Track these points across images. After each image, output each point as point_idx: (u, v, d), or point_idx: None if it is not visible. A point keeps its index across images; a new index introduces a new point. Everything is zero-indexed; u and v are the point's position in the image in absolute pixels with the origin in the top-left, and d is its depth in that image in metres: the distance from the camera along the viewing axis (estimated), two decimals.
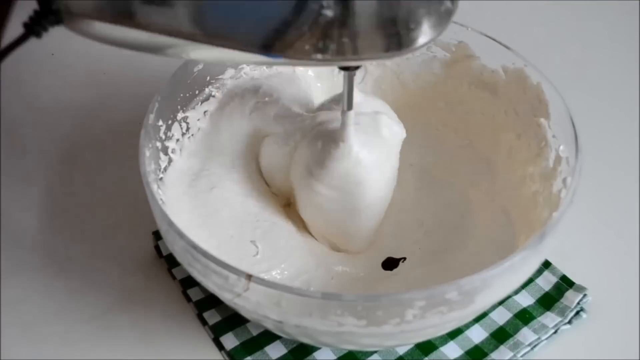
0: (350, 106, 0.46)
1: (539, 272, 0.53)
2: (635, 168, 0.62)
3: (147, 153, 0.47)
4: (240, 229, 0.51)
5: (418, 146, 0.59)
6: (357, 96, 0.48)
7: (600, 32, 0.80)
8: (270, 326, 0.45)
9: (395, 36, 0.36)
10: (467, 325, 0.50)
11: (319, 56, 0.36)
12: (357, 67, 0.43)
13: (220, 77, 0.56)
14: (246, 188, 0.54)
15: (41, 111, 0.70)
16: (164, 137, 0.52)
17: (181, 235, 0.41)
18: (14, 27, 0.79)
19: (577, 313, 0.51)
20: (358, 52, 0.37)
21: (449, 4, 0.38)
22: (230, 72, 0.56)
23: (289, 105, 0.55)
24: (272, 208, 0.53)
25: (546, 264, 0.53)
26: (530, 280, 0.52)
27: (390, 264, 0.52)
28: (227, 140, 0.56)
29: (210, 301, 0.51)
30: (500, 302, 0.51)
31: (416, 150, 0.59)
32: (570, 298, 0.51)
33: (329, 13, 0.35)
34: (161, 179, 0.50)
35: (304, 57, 0.37)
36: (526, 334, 0.49)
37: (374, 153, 0.49)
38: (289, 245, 0.51)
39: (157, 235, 0.55)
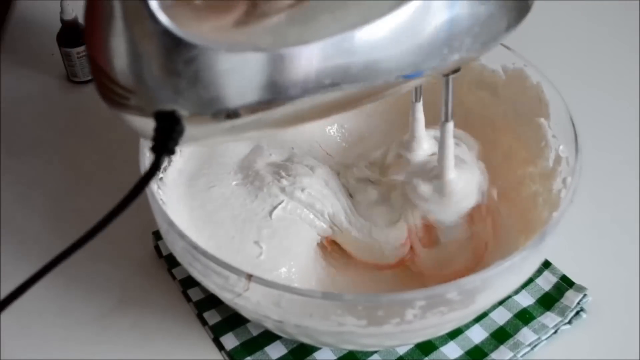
0: (449, 116, 0.44)
1: (539, 272, 0.53)
2: (635, 168, 0.62)
3: (147, 153, 0.47)
4: (242, 230, 0.51)
5: None
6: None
7: (600, 32, 0.80)
8: (270, 326, 0.45)
9: (516, 8, 0.37)
10: (467, 325, 0.50)
11: (456, 56, 0.35)
12: (456, 70, 0.40)
13: None
14: (249, 188, 0.53)
15: (42, 110, 0.70)
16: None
17: (181, 235, 0.41)
18: (13, 29, 0.79)
19: (577, 313, 0.51)
20: (493, 36, 0.36)
21: None
22: None
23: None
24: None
25: (546, 264, 0.53)
26: (530, 280, 0.52)
27: None
28: (231, 144, 0.55)
29: (210, 301, 0.51)
30: (501, 302, 0.51)
31: None
32: (570, 298, 0.51)
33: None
34: (161, 179, 0.50)
35: (441, 64, 0.35)
36: (526, 334, 0.49)
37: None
38: (299, 249, 0.50)
39: (157, 235, 0.55)
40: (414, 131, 0.50)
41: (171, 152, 0.33)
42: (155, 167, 0.33)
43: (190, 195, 0.52)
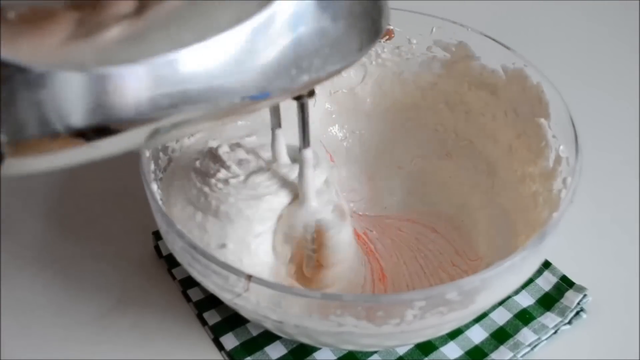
0: (307, 143, 0.43)
1: (539, 272, 0.53)
2: (635, 168, 0.62)
3: (147, 153, 0.47)
4: (205, 227, 0.47)
5: (418, 146, 0.59)
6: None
7: (600, 32, 0.80)
8: (270, 326, 0.45)
9: (367, 29, 0.36)
10: (467, 326, 0.50)
11: (305, 77, 0.34)
12: (311, 94, 0.40)
13: None
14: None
15: None
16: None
17: (181, 235, 0.41)
18: None
19: (577, 313, 0.51)
20: (343, 57, 0.35)
21: None
22: None
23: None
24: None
25: (546, 264, 0.53)
26: (530, 281, 0.52)
27: None
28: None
29: (210, 301, 0.51)
30: (500, 303, 0.51)
31: (416, 151, 0.59)
32: (570, 298, 0.51)
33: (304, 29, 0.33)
34: (161, 179, 0.50)
35: (289, 86, 0.34)
36: (526, 334, 0.49)
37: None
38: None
39: (157, 235, 0.55)
40: (277, 158, 0.47)
41: None
42: None
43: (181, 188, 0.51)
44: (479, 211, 0.54)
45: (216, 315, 0.51)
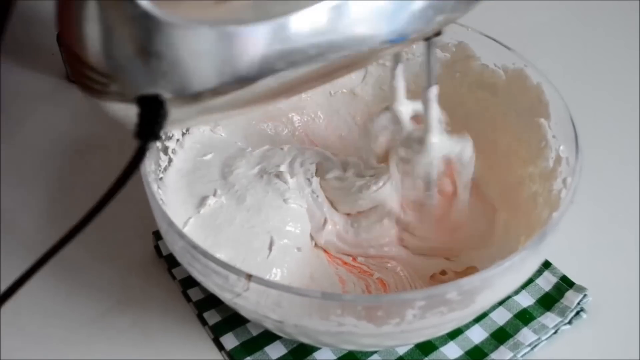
0: (433, 80, 0.45)
1: (539, 273, 0.53)
2: (635, 168, 0.62)
3: (147, 153, 0.47)
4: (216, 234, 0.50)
5: None
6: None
7: (600, 32, 0.80)
8: (270, 326, 0.45)
9: None
10: (467, 326, 0.50)
11: (440, 18, 0.36)
12: (438, 34, 0.40)
13: None
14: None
15: (42, 110, 0.70)
16: (164, 137, 0.52)
17: (181, 235, 0.41)
18: (14, 29, 0.79)
19: (577, 313, 0.51)
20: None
21: None
22: None
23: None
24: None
25: (546, 264, 0.53)
26: (530, 281, 0.52)
27: None
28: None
29: (210, 301, 0.51)
30: (500, 302, 0.51)
31: None
32: (570, 298, 0.51)
33: None
34: (161, 179, 0.50)
35: (425, 27, 0.35)
36: (526, 334, 0.49)
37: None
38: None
39: (157, 235, 0.55)
40: (396, 96, 0.50)
41: (157, 137, 0.33)
42: (141, 154, 0.33)
43: (187, 192, 0.52)
44: (479, 211, 0.54)
45: (216, 315, 0.51)
